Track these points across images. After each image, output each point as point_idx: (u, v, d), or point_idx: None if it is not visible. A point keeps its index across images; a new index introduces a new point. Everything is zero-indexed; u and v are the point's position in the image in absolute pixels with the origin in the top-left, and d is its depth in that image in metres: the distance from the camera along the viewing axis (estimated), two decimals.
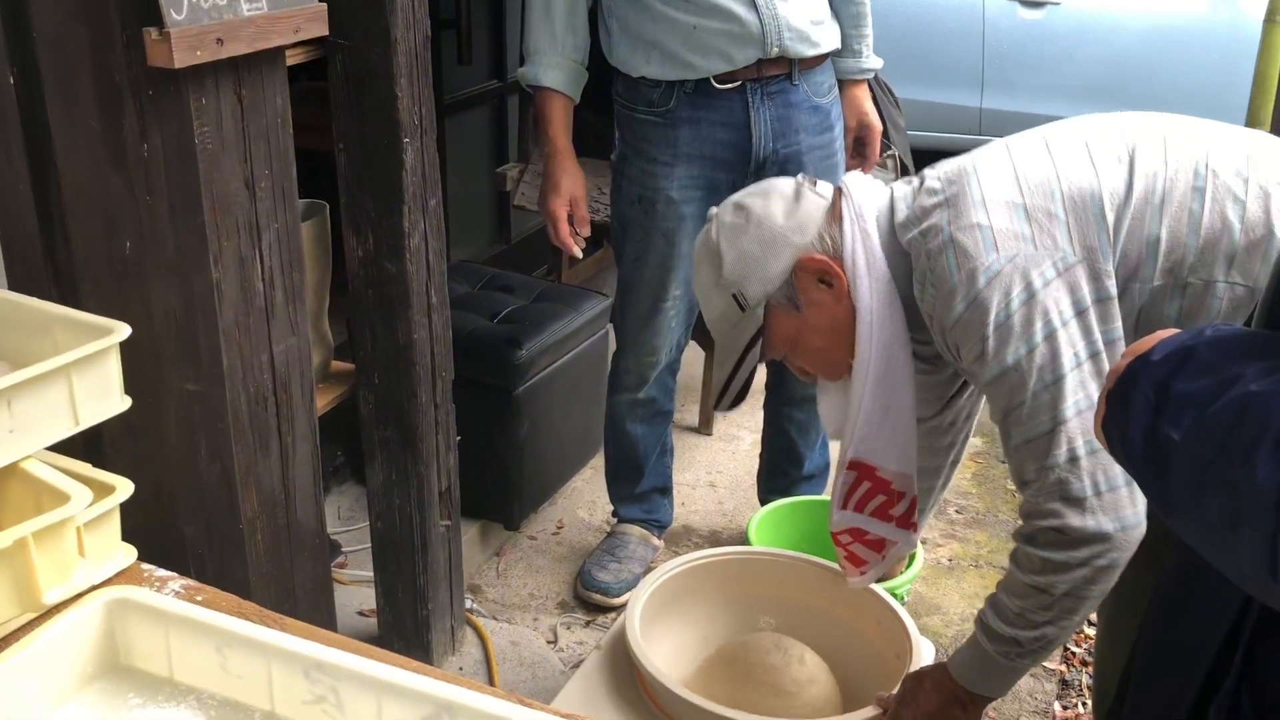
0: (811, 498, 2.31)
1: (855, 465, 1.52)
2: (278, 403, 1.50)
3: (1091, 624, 2.36)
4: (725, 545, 2.36)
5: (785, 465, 2.45)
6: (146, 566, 1.07)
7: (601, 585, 2.32)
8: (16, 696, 0.85)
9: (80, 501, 0.96)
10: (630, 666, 1.64)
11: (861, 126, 2.26)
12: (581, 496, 2.73)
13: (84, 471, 1.06)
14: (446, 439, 1.96)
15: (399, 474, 1.92)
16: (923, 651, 1.62)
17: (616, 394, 2.33)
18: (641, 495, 2.43)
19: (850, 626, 1.77)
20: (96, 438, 1.38)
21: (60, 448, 1.04)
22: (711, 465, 2.90)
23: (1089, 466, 1.26)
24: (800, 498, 2.30)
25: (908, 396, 1.45)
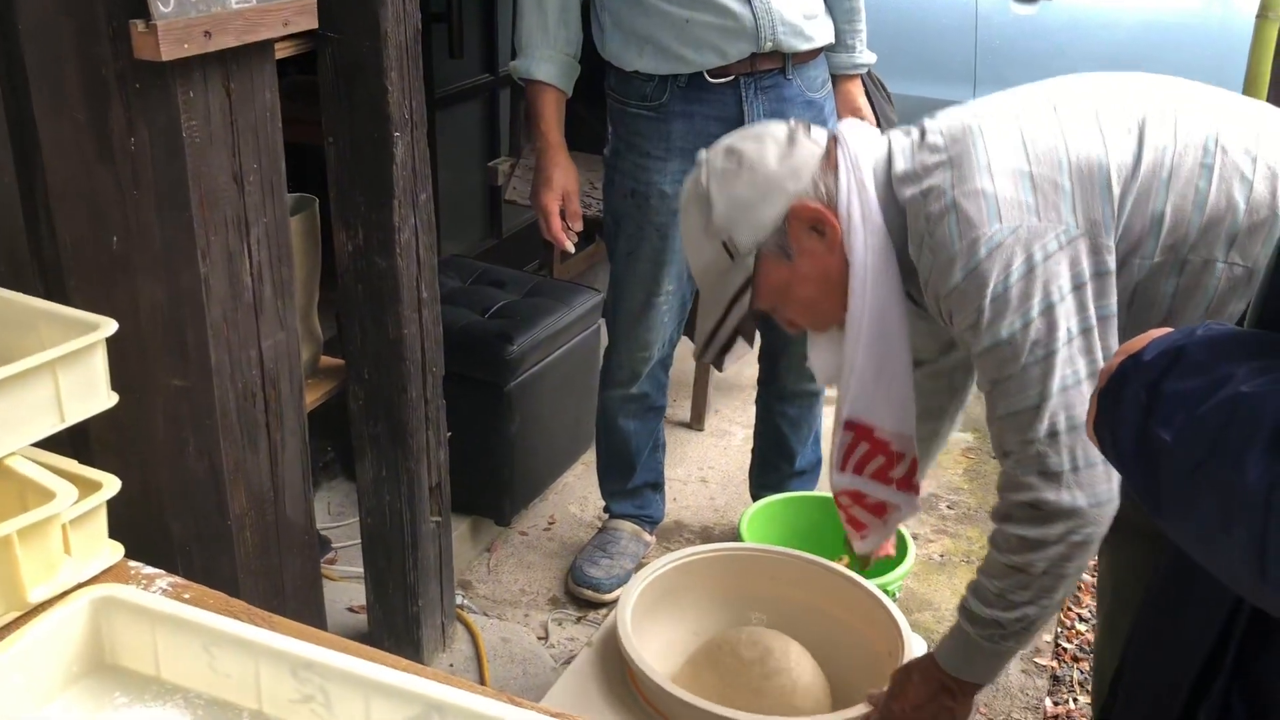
0: (803, 493, 2.30)
1: (852, 425, 1.48)
2: (266, 399, 1.49)
3: (1083, 620, 2.36)
4: (717, 541, 2.36)
5: (777, 461, 2.45)
6: (134, 564, 1.06)
7: (593, 581, 2.32)
8: (1, 695, 0.84)
9: (65, 499, 0.95)
10: (621, 663, 1.63)
11: None
12: (573, 492, 2.72)
13: (70, 468, 1.05)
14: (437, 435, 1.95)
15: (389, 470, 1.91)
16: (914, 647, 1.62)
17: (608, 389, 2.33)
18: (633, 491, 2.43)
19: (842, 622, 1.77)
20: (83, 434, 1.37)
21: (47, 444, 1.03)
22: (703, 461, 2.89)
23: (1069, 442, 1.26)
24: (792, 493, 2.29)
25: (903, 354, 1.42)
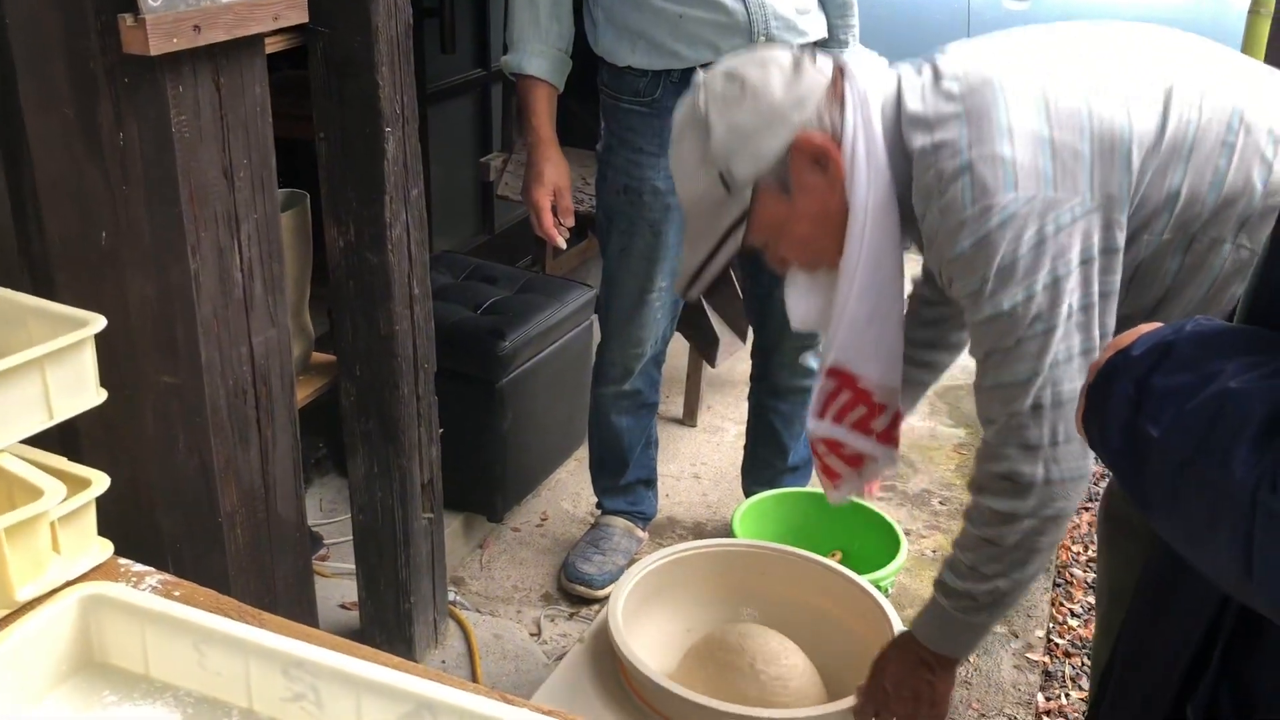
0: (796, 489, 2.31)
1: (835, 373, 1.44)
2: (257, 395, 1.49)
3: (1075, 615, 2.37)
4: (710, 537, 2.36)
5: (770, 457, 2.45)
6: (124, 561, 1.05)
7: (585, 577, 2.32)
8: None
9: (54, 496, 0.95)
10: (614, 659, 1.63)
11: None
12: (565, 488, 2.72)
13: (59, 465, 1.04)
14: (429, 431, 1.95)
15: (381, 467, 1.91)
16: None
17: (601, 386, 2.32)
18: (626, 487, 2.43)
19: (834, 618, 1.77)
20: (73, 431, 1.36)
21: (36, 441, 1.02)
22: (696, 457, 2.89)
23: (1051, 417, 1.25)
24: (785, 489, 2.30)
25: (896, 304, 1.38)
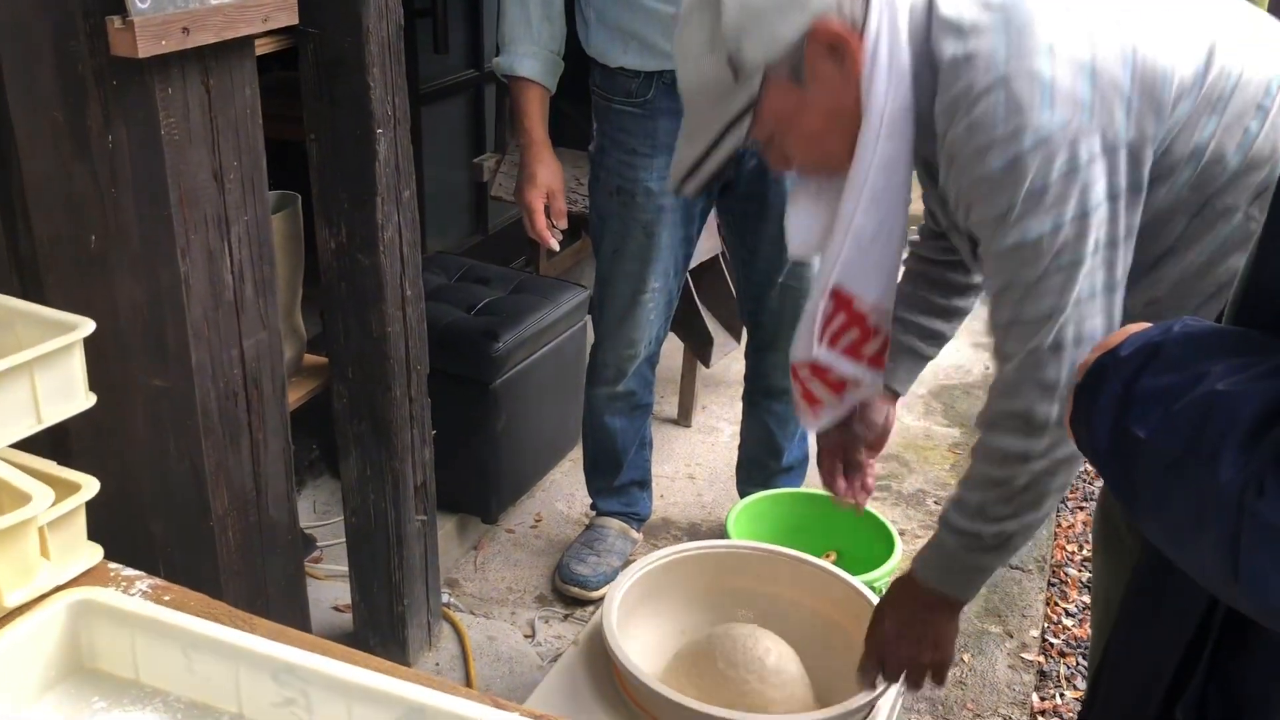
0: (790, 490, 2.30)
1: (835, 294, 1.37)
2: (248, 398, 1.48)
3: (1070, 615, 2.37)
4: (704, 538, 2.36)
5: (764, 457, 2.45)
6: (114, 565, 1.05)
7: (579, 578, 2.31)
8: None
9: (42, 502, 0.94)
10: (608, 661, 1.63)
11: None
12: (560, 489, 2.71)
13: (48, 470, 1.04)
14: (422, 433, 1.94)
15: (373, 469, 1.90)
16: None
17: (595, 387, 2.32)
18: (620, 488, 2.42)
19: (828, 620, 1.77)
20: (63, 435, 1.36)
21: (25, 445, 1.02)
22: (690, 457, 2.89)
23: (1072, 356, 1.19)
24: (779, 490, 2.29)
25: (900, 223, 1.32)
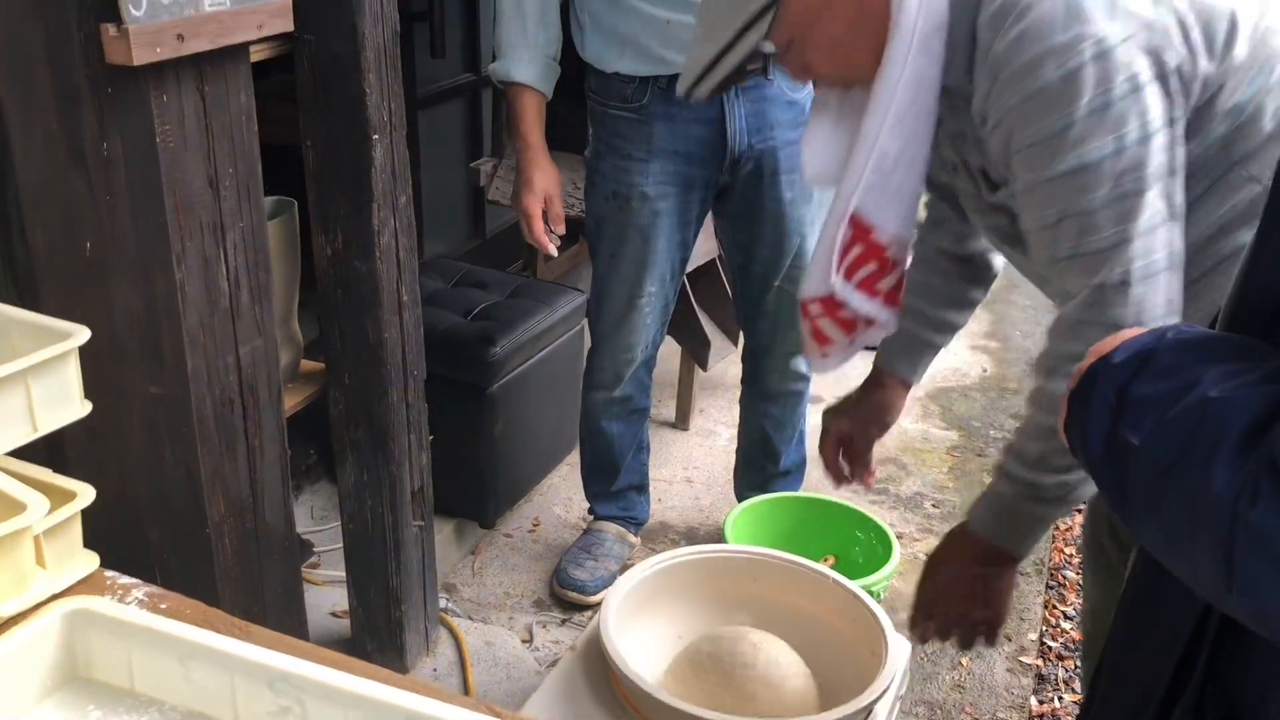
0: (788, 494, 2.30)
1: (854, 221, 1.29)
2: (244, 405, 1.48)
3: (1068, 618, 2.37)
4: (702, 542, 2.36)
5: (762, 461, 2.45)
6: (110, 573, 1.05)
7: (577, 583, 2.31)
8: None
9: (37, 510, 0.94)
10: (605, 666, 1.62)
11: None
12: (557, 494, 2.71)
13: (44, 478, 1.04)
14: (419, 439, 1.94)
15: (370, 475, 1.90)
16: (898, 648, 1.62)
17: (592, 391, 2.32)
18: (618, 493, 2.42)
19: (826, 623, 1.77)
20: (59, 442, 1.36)
21: (21, 453, 1.02)
22: (688, 461, 2.89)
23: (1139, 294, 1.11)
24: (777, 494, 2.29)
25: (924, 150, 1.24)
